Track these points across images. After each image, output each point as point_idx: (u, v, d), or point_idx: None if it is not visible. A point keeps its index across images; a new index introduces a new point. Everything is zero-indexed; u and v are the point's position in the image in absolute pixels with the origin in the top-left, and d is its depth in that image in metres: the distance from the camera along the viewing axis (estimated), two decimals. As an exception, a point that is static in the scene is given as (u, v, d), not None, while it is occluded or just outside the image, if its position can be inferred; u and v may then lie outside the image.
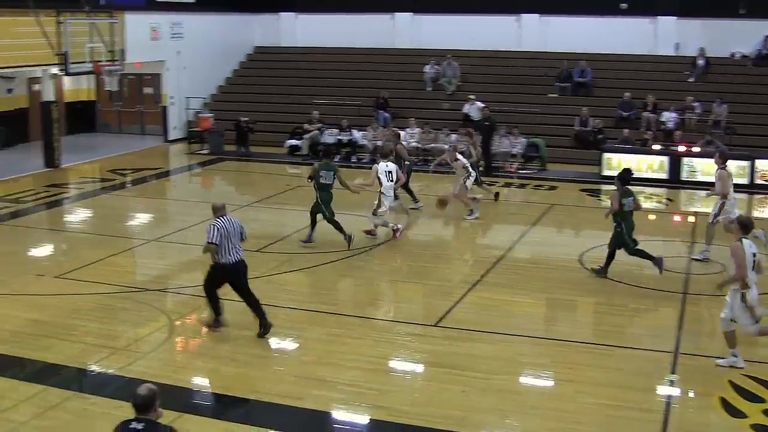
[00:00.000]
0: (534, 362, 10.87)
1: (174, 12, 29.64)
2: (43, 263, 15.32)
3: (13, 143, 27.06)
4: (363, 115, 27.89)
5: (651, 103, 26.18)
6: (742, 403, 9.57)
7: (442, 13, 31.66)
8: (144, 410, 6.16)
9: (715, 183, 15.47)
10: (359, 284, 14.30)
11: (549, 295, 13.76)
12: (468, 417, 9.21)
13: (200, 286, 11.72)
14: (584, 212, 20.14)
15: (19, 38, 22.30)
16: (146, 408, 6.17)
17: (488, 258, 15.49)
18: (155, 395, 6.24)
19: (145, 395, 6.18)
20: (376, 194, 16.36)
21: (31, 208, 19.68)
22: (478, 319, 12.40)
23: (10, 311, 12.39)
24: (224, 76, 32.80)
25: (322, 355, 10.89)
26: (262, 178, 24.32)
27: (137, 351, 11.10)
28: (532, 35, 30.76)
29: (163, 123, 29.97)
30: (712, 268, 14.91)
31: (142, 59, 27.99)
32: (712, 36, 28.61)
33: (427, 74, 29.71)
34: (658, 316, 12.83)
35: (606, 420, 9.19)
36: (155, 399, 6.23)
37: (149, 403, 6.18)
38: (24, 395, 9.55)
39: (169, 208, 19.53)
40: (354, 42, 32.33)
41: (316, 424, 9.27)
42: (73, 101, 31.00)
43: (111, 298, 13.10)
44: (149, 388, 6.25)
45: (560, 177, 23.78)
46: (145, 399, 6.17)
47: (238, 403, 9.60)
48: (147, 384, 6.35)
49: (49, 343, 11.11)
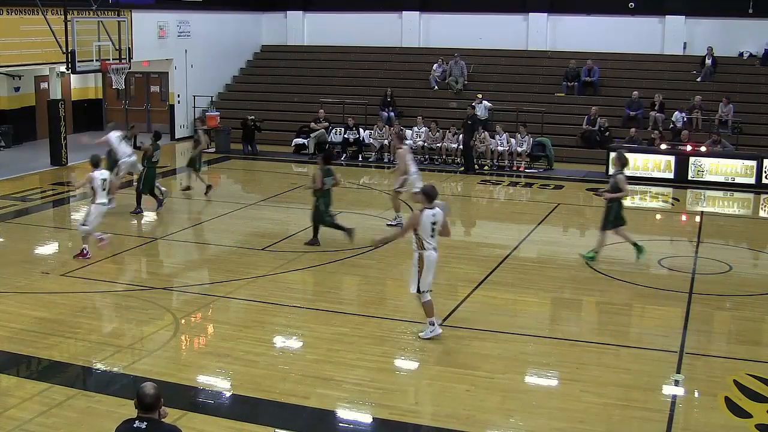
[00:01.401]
0: (539, 361, 10.85)
1: (181, 10, 29.70)
2: (49, 261, 15.35)
3: (20, 141, 27.12)
4: (370, 114, 27.90)
5: (658, 103, 26.14)
6: (747, 403, 9.54)
7: (449, 12, 31.69)
8: (150, 410, 6.07)
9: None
10: (364, 283, 14.29)
11: (554, 295, 13.75)
12: (473, 416, 9.19)
13: (205, 285, 11.72)
14: (591, 211, 20.10)
15: (27, 36, 22.39)
16: (152, 407, 6.07)
17: (494, 257, 15.47)
18: (160, 394, 6.15)
19: (152, 395, 6.06)
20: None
21: (38, 206, 19.74)
22: (484, 318, 12.38)
23: (17, 309, 12.41)
24: (231, 74, 32.85)
25: (328, 353, 10.88)
26: (268, 176, 24.33)
27: (142, 349, 11.11)
28: (539, 34, 30.74)
29: (170, 121, 30.02)
30: (718, 268, 14.90)
31: (150, 58, 28.07)
32: (721, 35, 28.59)
33: (434, 73, 29.70)
34: (664, 315, 12.79)
35: (611, 419, 9.17)
36: (160, 398, 6.14)
37: (155, 402, 6.08)
38: (29, 393, 9.57)
39: (175, 207, 19.53)
40: (361, 41, 32.36)
41: (321, 423, 9.27)
42: (80, 99, 31.08)
43: (117, 296, 13.13)
44: (155, 387, 6.14)
45: (567, 176, 23.76)
46: (153, 398, 6.06)
47: (243, 402, 9.59)
48: (150, 383, 6.26)
49: (55, 341, 11.12)
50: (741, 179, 22.58)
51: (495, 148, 24.93)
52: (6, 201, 19.84)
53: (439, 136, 25.70)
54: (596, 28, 29.88)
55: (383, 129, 26.33)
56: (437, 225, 11.08)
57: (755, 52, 28.57)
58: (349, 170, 24.92)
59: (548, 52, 30.45)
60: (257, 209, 19.39)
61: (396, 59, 31.86)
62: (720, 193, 22.25)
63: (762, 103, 26.55)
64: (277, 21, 34.19)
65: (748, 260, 16.30)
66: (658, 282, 14.19)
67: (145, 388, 6.12)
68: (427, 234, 11.03)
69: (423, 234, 11.02)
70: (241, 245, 16.16)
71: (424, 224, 11.00)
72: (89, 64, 22.47)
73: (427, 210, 11.03)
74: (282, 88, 31.37)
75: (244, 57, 33.59)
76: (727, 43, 28.51)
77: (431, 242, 11.08)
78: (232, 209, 18.71)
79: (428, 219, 11.00)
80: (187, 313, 12.42)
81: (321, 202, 15.70)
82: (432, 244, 11.08)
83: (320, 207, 15.69)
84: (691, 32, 29.21)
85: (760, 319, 12.93)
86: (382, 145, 26.12)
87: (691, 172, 22.88)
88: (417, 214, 11.13)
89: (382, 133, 26.21)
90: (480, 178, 23.53)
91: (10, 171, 22.80)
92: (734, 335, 12.30)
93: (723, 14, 28.71)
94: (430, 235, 11.05)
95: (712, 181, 22.67)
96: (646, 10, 29.49)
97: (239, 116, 28.13)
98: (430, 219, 11.01)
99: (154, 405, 6.06)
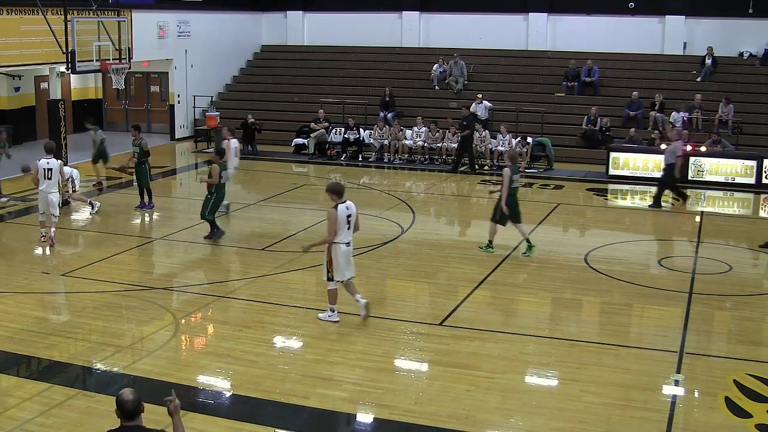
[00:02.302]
0: (539, 361, 10.85)
1: (181, 10, 29.71)
2: (49, 261, 15.34)
3: (20, 141, 27.09)
4: (370, 114, 27.90)
5: (658, 103, 26.14)
6: (747, 403, 9.54)
7: (449, 12, 31.69)
8: (133, 416, 5.76)
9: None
10: (364, 283, 14.23)
11: (554, 295, 13.75)
12: (473, 416, 9.19)
13: (205, 285, 11.71)
14: (591, 211, 20.10)
15: (27, 36, 22.38)
16: (135, 413, 5.77)
17: (494, 257, 15.46)
18: (140, 398, 5.83)
19: (132, 399, 5.74)
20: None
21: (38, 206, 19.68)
22: (484, 318, 12.39)
23: (17, 309, 12.41)
24: (231, 74, 32.86)
25: (327, 353, 10.88)
26: (268, 176, 24.32)
27: (142, 349, 11.11)
28: (539, 34, 30.75)
29: (170, 121, 30.03)
30: (718, 269, 14.90)
31: (150, 58, 28.07)
32: (721, 35, 28.61)
33: (435, 73, 29.70)
34: (664, 315, 12.79)
35: (611, 419, 9.16)
36: (141, 402, 5.81)
37: (137, 407, 5.77)
38: (29, 393, 9.57)
39: (175, 206, 19.55)
40: (361, 41, 32.38)
41: (321, 423, 9.27)
42: (80, 99, 31.08)
43: (116, 296, 13.13)
44: (133, 392, 5.81)
45: (567, 176, 23.76)
46: (134, 404, 5.74)
47: (243, 402, 9.59)
48: (127, 388, 5.91)
49: (55, 341, 11.13)
50: (741, 179, 22.58)
51: (495, 148, 24.92)
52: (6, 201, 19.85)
53: (439, 136, 25.69)
54: (596, 28, 29.90)
55: (383, 129, 26.32)
56: (352, 218, 11.65)
57: (755, 52, 28.58)
58: (349, 170, 24.94)
59: (548, 52, 30.46)
60: (257, 209, 19.39)
61: (396, 59, 31.86)
62: (720, 193, 22.25)
63: (762, 103, 26.55)
64: (277, 21, 34.20)
65: (748, 260, 16.29)
66: (658, 282, 14.19)
67: (123, 394, 5.80)
68: (343, 228, 11.55)
69: (339, 228, 11.52)
70: (241, 245, 16.17)
71: (341, 218, 11.52)
72: (89, 64, 22.45)
73: (341, 204, 11.56)
74: (282, 88, 31.38)
75: (244, 57, 33.60)
76: (727, 43, 28.52)
77: (346, 236, 11.61)
78: (231, 209, 18.70)
79: (344, 213, 11.56)
80: (187, 313, 12.42)
81: (215, 197, 16.15)
82: (346, 239, 11.62)
83: (213, 201, 16.12)
84: (691, 32, 29.22)
85: (760, 319, 12.93)
86: (382, 145, 26.12)
87: (691, 172, 22.87)
88: (333, 211, 11.57)
89: (382, 133, 26.21)
90: (480, 178, 23.52)
91: (10, 171, 22.75)
92: (734, 335, 12.30)
93: (723, 14, 28.72)
94: (347, 228, 11.59)
95: (712, 181, 22.67)
96: (646, 10, 29.49)
97: (239, 116, 28.13)
98: (345, 212, 11.57)
99: (137, 410, 5.79)
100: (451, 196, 21.99)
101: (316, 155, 26.79)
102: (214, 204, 16.20)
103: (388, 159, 25.92)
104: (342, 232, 11.55)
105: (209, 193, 16.20)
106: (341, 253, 11.60)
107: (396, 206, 19.61)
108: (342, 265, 11.66)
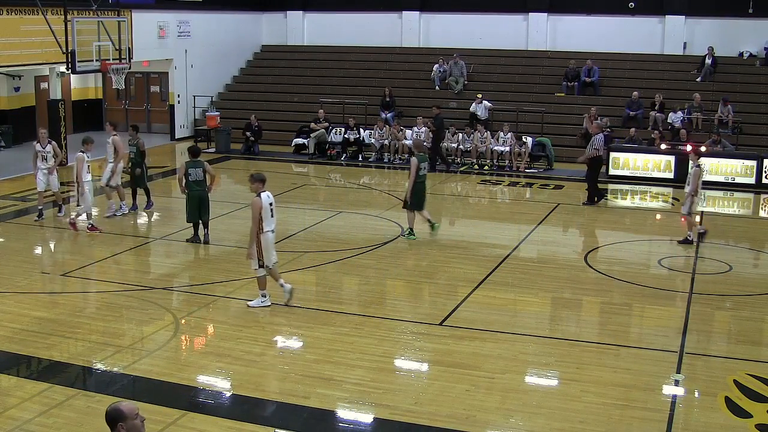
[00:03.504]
0: (539, 361, 10.85)
1: (181, 10, 29.72)
2: (49, 261, 15.34)
3: (19, 141, 27.11)
4: (370, 114, 27.90)
5: (658, 103, 26.14)
6: (747, 403, 9.54)
7: (449, 12, 31.69)
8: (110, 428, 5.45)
9: None
10: (364, 283, 14.29)
11: (554, 295, 13.75)
12: (473, 416, 9.19)
13: (205, 285, 11.72)
14: (591, 211, 20.09)
15: (27, 36, 22.38)
16: (111, 427, 5.47)
17: (494, 257, 15.46)
18: (117, 411, 5.51)
19: (108, 412, 5.48)
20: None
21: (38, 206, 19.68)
22: (484, 318, 12.38)
23: (16, 309, 12.41)
24: (231, 74, 32.87)
25: (328, 353, 10.88)
26: (268, 176, 24.21)
27: (142, 349, 11.11)
28: (539, 34, 30.75)
29: (170, 121, 30.04)
30: (718, 268, 14.90)
31: (150, 58, 28.07)
32: (721, 35, 28.61)
33: (435, 73, 29.70)
34: (664, 315, 12.79)
35: (611, 419, 9.16)
36: (116, 419, 5.51)
37: (111, 423, 5.49)
38: (29, 393, 9.56)
39: (175, 207, 19.50)
40: (361, 41, 32.39)
41: (321, 423, 9.26)
42: (80, 99, 31.07)
43: (116, 296, 13.13)
44: (114, 407, 5.52)
45: (567, 176, 23.75)
46: (107, 417, 5.47)
47: (243, 402, 9.59)
48: (117, 402, 5.66)
49: (55, 341, 11.12)
50: (741, 179, 22.58)
51: (495, 148, 24.91)
52: (6, 201, 19.86)
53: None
54: (596, 28, 29.90)
55: (383, 129, 26.32)
56: (273, 205, 12.20)
57: (755, 52, 28.59)
58: (349, 170, 24.95)
59: (548, 52, 30.47)
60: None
61: (396, 59, 31.87)
62: (720, 193, 22.24)
63: (762, 103, 26.56)
64: (277, 21, 34.21)
65: (748, 260, 16.30)
66: (658, 282, 14.19)
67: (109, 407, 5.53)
68: (267, 215, 12.01)
69: (264, 216, 11.95)
70: (241, 245, 16.14)
71: (265, 206, 12.00)
72: (89, 64, 22.46)
73: (263, 193, 12.06)
74: (282, 88, 31.39)
75: (244, 57, 33.60)
76: (727, 43, 28.52)
77: (270, 223, 12.07)
78: (232, 209, 18.70)
79: (267, 200, 12.08)
80: (187, 313, 12.42)
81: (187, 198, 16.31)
82: (270, 227, 12.08)
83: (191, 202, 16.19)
84: (691, 32, 29.23)
85: (760, 319, 12.93)
86: (382, 145, 26.12)
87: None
88: (258, 199, 12.01)
89: (382, 133, 26.21)
90: (480, 178, 23.53)
91: (10, 171, 22.79)
92: (734, 335, 12.29)
93: (723, 14, 28.73)
94: (270, 215, 12.07)
95: (712, 181, 22.64)
96: (646, 10, 29.50)
97: (239, 116, 28.13)
98: (268, 200, 12.10)
99: (111, 425, 5.51)
100: (451, 196, 21.99)
101: (316, 155, 26.80)
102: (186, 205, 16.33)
103: (388, 159, 25.93)
104: (267, 220, 12.01)
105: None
106: (269, 240, 12.10)
107: (396, 206, 19.60)
108: (270, 250, 12.15)
